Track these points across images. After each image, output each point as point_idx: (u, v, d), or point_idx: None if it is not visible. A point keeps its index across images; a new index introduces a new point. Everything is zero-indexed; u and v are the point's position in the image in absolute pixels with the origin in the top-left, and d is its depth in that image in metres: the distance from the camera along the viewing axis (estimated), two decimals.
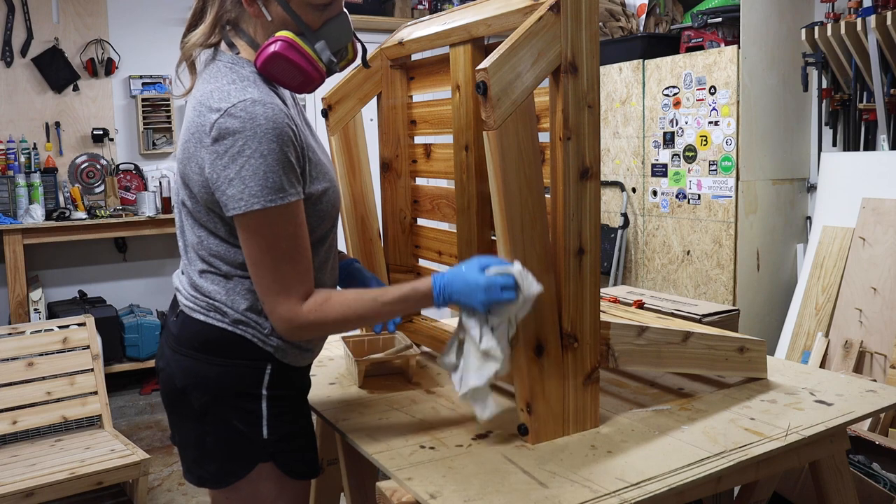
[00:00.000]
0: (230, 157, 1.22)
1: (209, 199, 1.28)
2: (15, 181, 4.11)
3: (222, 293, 1.34)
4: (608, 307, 2.15)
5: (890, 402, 1.64)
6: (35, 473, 2.69)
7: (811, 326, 3.34)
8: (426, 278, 1.35)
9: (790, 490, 2.42)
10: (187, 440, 1.40)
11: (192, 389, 1.34)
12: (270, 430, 1.34)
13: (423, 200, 2.00)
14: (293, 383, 1.40)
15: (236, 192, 1.22)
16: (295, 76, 1.31)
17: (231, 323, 1.33)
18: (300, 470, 1.39)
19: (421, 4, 5.26)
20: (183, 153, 1.31)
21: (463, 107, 1.72)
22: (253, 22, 1.34)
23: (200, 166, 1.26)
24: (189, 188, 1.31)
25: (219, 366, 1.33)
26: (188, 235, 1.37)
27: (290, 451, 1.37)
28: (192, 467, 1.40)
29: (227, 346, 1.33)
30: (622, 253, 4.22)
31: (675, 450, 1.39)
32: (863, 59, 3.37)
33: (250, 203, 1.22)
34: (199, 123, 1.26)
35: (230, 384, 1.33)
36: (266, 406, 1.34)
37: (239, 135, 1.21)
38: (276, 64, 1.28)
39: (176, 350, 1.38)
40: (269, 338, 1.34)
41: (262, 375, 1.34)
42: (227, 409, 1.33)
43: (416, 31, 1.83)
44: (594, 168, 1.42)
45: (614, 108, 4.25)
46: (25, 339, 3.15)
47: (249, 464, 1.34)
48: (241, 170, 1.21)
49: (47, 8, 4.39)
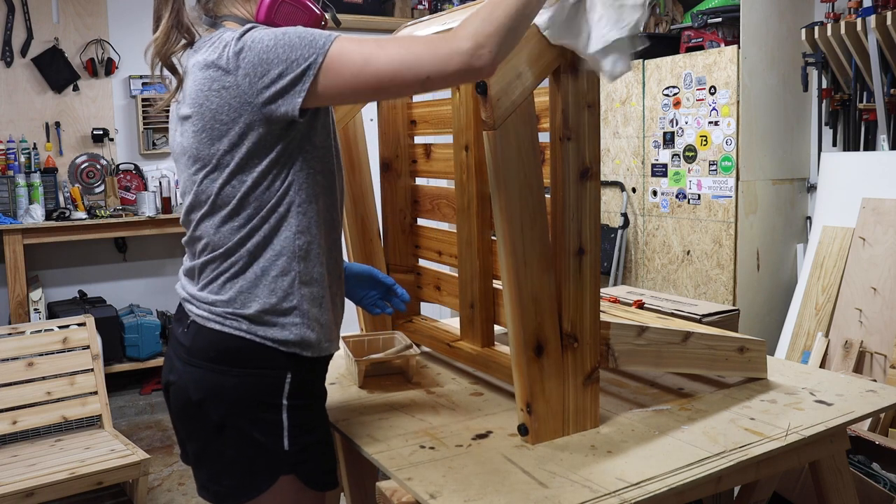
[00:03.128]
0: (262, 56, 1.16)
1: (253, 128, 1.21)
2: (15, 181, 4.11)
3: (235, 297, 1.28)
4: (608, 307, 2.15)
5: (890, 402, 1.64)
6: (35, 473, 2.69)
7: (811, 326, 3.34)
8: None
9: (790, 490, 2.42)
10: (203, 456, 1.34)
11: (209, 402, 1.28)
12: (292, 441, 1.29)
13: (423, 200, 2.00)
14: (313, 391, 1.35)
15: (299, 58, 1.15)
16: (298, 16, 1.29)
17: (248, 329, 1.28)
18: (322, 481, 1.34)
19: (421, 4, 5.26)
20: (201, 119, 1.24)
21: (463, 107, 1.72)
22: (230, 2, 1.33)
23: (236, 99, 1.20)
24: (217, 146, 1.24)
25: (237, 376, 1.27)
26: (204, 228, 1.31)
27: (312, 462, 1.32)
28: (209, 484, 1.34)
29: (245, 355, 1.28)
30: (622, 253, 4.22)
31: (675, 450, 1.39)
32: (863, 59, 3.37)
33: (320, 53, 1.14)
34: (215, 71, 1.21)
35: (249, 395, 1.27)
36: (287, 416, 1.28)
37: (258, 40, 1.17)
38: (280, 8, 1.27)
39: (189, 362, 1.31)
40: (289, 330, 1.29)
41: (282, 384, 1.29)
42: (246, 422, 1.27)
43: (415, 31, 1.83)
44: (594, 168, 1.42)
45: (614, 108, 4.25)
46: (25, 339, 3.15)
47: (271, 477, 1.28)
48: (281, 53, 1.15)
49: (47, 8, 4.39)
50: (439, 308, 4.33)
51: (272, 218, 1.28)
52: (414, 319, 2.05)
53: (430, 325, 2.00)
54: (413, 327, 2.02)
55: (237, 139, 1.23)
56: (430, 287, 2.00)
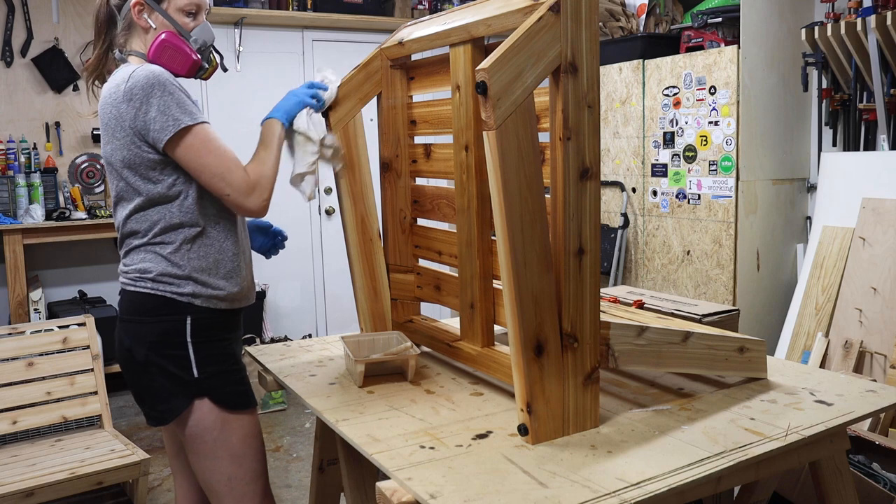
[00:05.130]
0: (146, 102, 1.55)
1: (138, 154, 1.59)
2: (15, 181, 4.11)
3: (141, 261, 1.66)
4: (608, 307, 2.15)
5: (890, 402, 1.64)
6: (35, 473, 2.69)
7: (811, 326, 3.34)
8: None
9: (790, 490, 2.42)
10: (140, 390, 1.69)
11: (135, 347, 1.65)
12: (200, 370, 1.64)
13: (423, 200, 2.00)
14: (216, 328, 1.69)
15: (162, 124, 1.55)
16: (178, 58, 1.67)
17: (151, 285, 1.64)
18: (235, 401, 1.68)
19: (421, 4, 5.26)
20: (109, 139, 1.61)
21: (463, 107, 1.72)
22: (141, 38, 1.69)
23: (124, 128, 1.58)
24: (122, 162, 1.61)
25: (150, 323, 1.64)
26: (119, 217, 1.69)
27: (222, 387, 1.66)
28: (151, 413, 1.70)
29: (153, 307, 1.64)
30: (622, 253, 4.22)
31: (675, 450, 1.39)
32: (863, 59, 3.37)
33: (177, 124, 1.55)
34: (113, 102, 1.59)
35: (161, 337, 1.63)
36: (193, 351, 1.64)
37: (146, 86, 1.55)
38: (164, 49, 1.65)
39: (122, 320, 1.70)
40: (183, 286, 1.64)
41: (184, 326, 1.64)
42: (162, 358, 1.63)
43: (416, 31, 1.83)
44: (594, 168, 1.42)
45: (614, 108, 4.25)
46: (25, 339, 3.15)
47: (188, 400, 1.64)
48: (158, 107, 1.55)
49: (47, 8, 4.39)
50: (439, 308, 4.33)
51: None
52: (414, 319, 2.05)
53: (430, 325, 2.00)
54: (413, 327, 2.02)
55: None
56: (430, 287, 2.00)
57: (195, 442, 1.67)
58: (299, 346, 2.18)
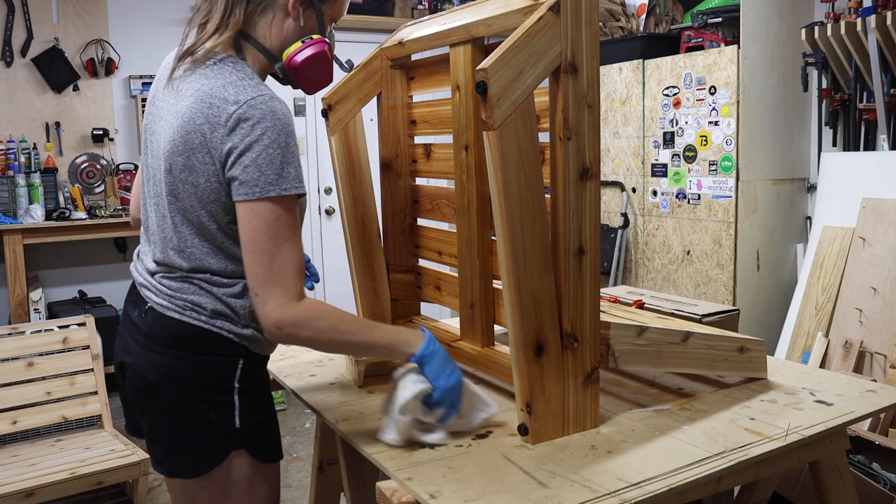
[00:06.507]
0: (247, 144, 1.26)
1: (212, 189, 1.32)
2: (15, 181, 4.11)
3: (194, 293, 1.38)
4: (608, 307, 2.15)
5: (890, 402, 1.64)
6: (35, 473, 2.69)
7: (811, 326, 3.34)
8: (416, 336, 1.44)
9: (790, 490, 2.42)
10: (159, 433, 1.43)
11: (166, 385, 1.38)
12: (242, 419, 1.40)
13: (423, 200, 2.00)
14: (260, 373, 1.47)
15: (251, 178, 1.27)
16: (322, 77, 1.42)
17: (208, 319, 1.38)
18: (270, 454, 1.46)
19: (421, 4, 5.26)
20: (184, 145, 1.32)
21: (463, 107, 1.71)
22: (270, 25, 1.40)
23: (212, 156, 1.30)
24: (187, 181, 1.34)
25: (194, 362, 1.37)
26: (168, 232, 1.40)
27: (260, 437, 1.43)
28: (164, 459, 1.43)
29: (202, 343, 1.38)
30: (622, 253, 4.22)
31: (675, 450, 1.38)
32: (863, 59, 3.37)
33: (265, 190, 1.27)
34: (212, 114, 1.29)
35: (205, 379, 1.38)
36: (238, 398, 1.40)
37: (258, 125, 1.27)
38: (314, 62, 1.39)
39: (147, 347, 1.41)
40: (244, 329, 1.40)
41: (234, 370, 1.39)
42: (201, 403, 1.37)
43: (416, 31, 1.83)
44: (594, 168, 1.42)
45: (614, 108, 4.25)
46: (25, 339, 3.15)
47: (224, 452, 1.39)
48: (257, 157, 1.26)
49: (47, 8, 4.39)
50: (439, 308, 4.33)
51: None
52: (414, 319, 2.05)
53: (430, 325, 2.00)
54: (413, 327, 2.02)
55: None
56: (430, 287, 2.00)
57: (215, 496, 1.42)
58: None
